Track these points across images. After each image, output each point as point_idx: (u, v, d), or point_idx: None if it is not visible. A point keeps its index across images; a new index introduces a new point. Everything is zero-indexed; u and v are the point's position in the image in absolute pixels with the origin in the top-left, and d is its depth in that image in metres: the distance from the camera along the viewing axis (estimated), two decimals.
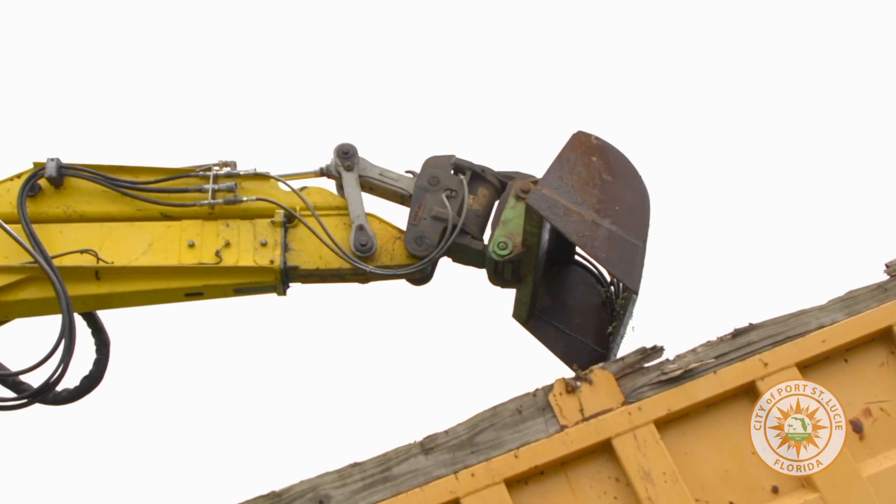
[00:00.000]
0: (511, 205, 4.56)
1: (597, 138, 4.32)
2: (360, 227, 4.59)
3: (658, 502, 3.55)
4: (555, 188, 4.12)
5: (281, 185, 4.71)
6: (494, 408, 3.72)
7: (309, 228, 4.53)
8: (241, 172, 4.66)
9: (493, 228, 4.60)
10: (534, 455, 3.60)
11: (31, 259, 4.29)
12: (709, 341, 3.84)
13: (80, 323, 4.71)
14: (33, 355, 4.27)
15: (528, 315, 4.84)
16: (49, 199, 4.59)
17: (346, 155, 4.72)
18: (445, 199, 4.61)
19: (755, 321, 3.86)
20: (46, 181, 4.57)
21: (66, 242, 4.47)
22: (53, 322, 4.38)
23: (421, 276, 4.74)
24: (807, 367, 3.79)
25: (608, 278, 4.86)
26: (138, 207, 4.61)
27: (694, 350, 3.82)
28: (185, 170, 4.67)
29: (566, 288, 4.96)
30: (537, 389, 3.75)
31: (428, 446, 3.63)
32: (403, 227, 4.72)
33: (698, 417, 3.73)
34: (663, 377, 3.74)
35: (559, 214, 4.06)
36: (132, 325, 5.21)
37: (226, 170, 4.65)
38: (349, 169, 4.71)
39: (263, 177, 4.67)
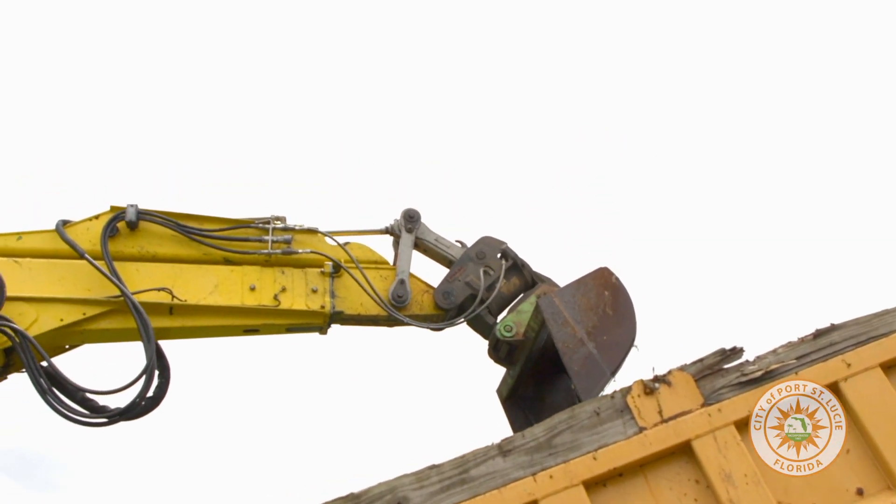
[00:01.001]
0: (530, 301, 5.14)
1: (616, 279, 4.94)
2: (402, 281, 5.24)
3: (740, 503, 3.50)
4: (564, 301, 4.79)
5: (327, 239, 5.28)
6: (572, 409, 3.70)
7: (356, 280, 5.14)
8: (296, 227, 5.24)
9: (508, 313, 5.24)
10: (612, 457, 3.57)
11: (115, 294, 4.75)
12: (789, 342, 3.78)
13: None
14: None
15: (507, 394, 5.42)
16: (125, 240, 5.05)
17: (411, 219, 5.39)
18: (482, 274, 5.28)
19: (836, 322, 3.80)
20: (124, 224, 5.02)
21: (142, 280, 4.92)
22: (109, 347, 5.01)
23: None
24: (890, 368, 3.71)
25: None
26: (204, 252, 5.12)
27: (774, 351, 3.76)
28: (245, 221, 5.20)
29: (549, 387, 5.42)
30: (615, 392, 3.72)
31: (506, 448, 3.62)
32: (433, 283, 5.36)
33: None
34: (743, 378, 3.69)
35: (557, 322, 4.73)
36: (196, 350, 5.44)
37: (282, 224, 5.20)
38: (410, 231, 5.37)
39: (313, 231, 5.27)
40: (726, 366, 3.75)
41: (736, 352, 3.77)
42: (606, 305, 4.87)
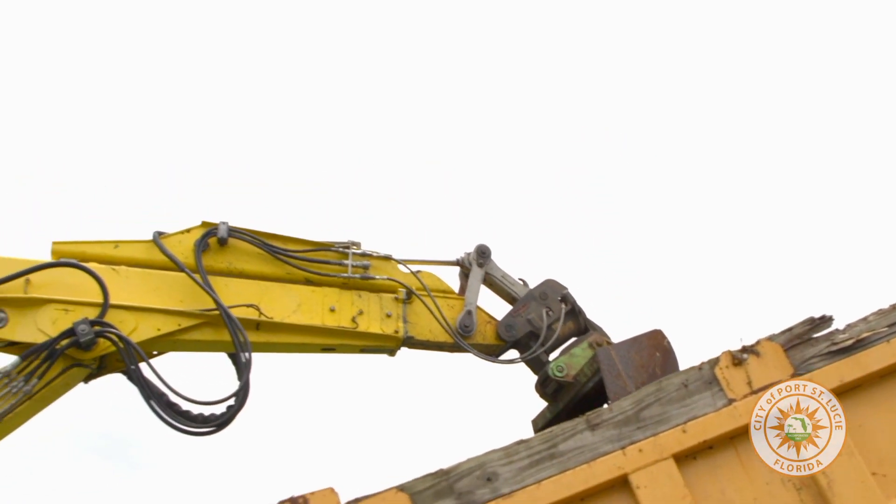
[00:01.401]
0: (583, 347, 5.43)
1: (668, 342, 5.18)
2: (469, 312, 5.52)
3: (833, 476, 3.48)
4: (620, 356, 5.04)
5: (401, 267, 5.57)
6: (660, 382, 3.70)
7: (428, 308, 5.44)
8: (373, 254, 5.52)
9: (561, 354, 5.52)
10: (702, 429, 3.58)
11: (208, 307, 4.99)
12: (880, 310, 3.74)
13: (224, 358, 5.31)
14: None
15: (542, 427, 5.59)
16: (215, 255, 5.24)
17: (483, 255, 5.70)
18: (545, 314, 5.57)
19: None
20: (215, 239, 5.24)
21: (230, 295, 5.10)
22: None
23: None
24: None
25: None
26: (287, 271, 5.34)
27: (865, 319, 3.73)
28: (325, 244, 5.46)
29: None
30: (703, 363, 3.70)
31: (594, 422, 3.63)
32: (496, 314, 5.69)
33: (872, 388, 3.67)
34: (834, 347, 3.66)
35: (611, 374, 4.97)
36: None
37: (360, 250, 5.50)
38: (480, 265, 5.68)
39: (388, 258, 5.55)
40: (815, 335, 3.71)
41: (825, 320, 3.74)
42: (656, 366, 5.06)
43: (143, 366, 4.88)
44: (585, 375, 5.27)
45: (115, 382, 5.04)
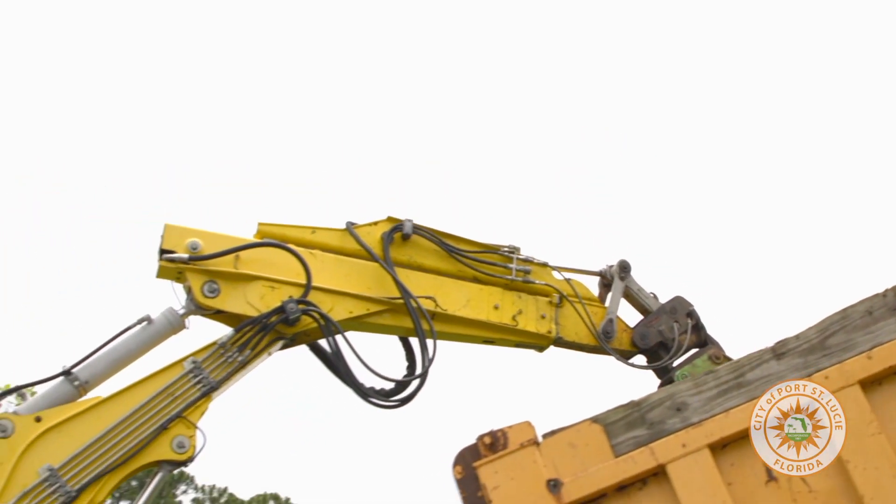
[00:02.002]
0: (703, 359, 5.92)
1: None
2: (611, 320, 6.05)
3: None
4: None
5: (555, 273, 6.07)
6: (844, 310, 3.77)
7: (578, 313, 5.98)
8: (533, 259, 6.02)
9: (684, 363, 6.01)
10: (888, 355, 3.64)
11: (394, 295, 5.50)
12: None
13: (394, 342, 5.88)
14: None
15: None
16: (397, 248, 5.70)
17: (625, 269, 6.21)
18: (675, 327, 6.09)
19: None
20: (399, 234, 5.70)
21: (409, 286, 5.58)
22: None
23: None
24: None
25: None
26: (459, 269, 5.84)
27: None
28: (493, 247, 5.96)
29: None
30: (887, 290, 3.75)
31: (779, 351, 3.76)
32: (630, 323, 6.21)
33: None
34: None
35: None
36: None
37: (523, 255, 5.98)
38: (622, 279, 6.19)
39: (544, 265, 6.06)
40: None
41: None
42: None
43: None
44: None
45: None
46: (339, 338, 5.43)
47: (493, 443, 3.77)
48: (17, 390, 5.15)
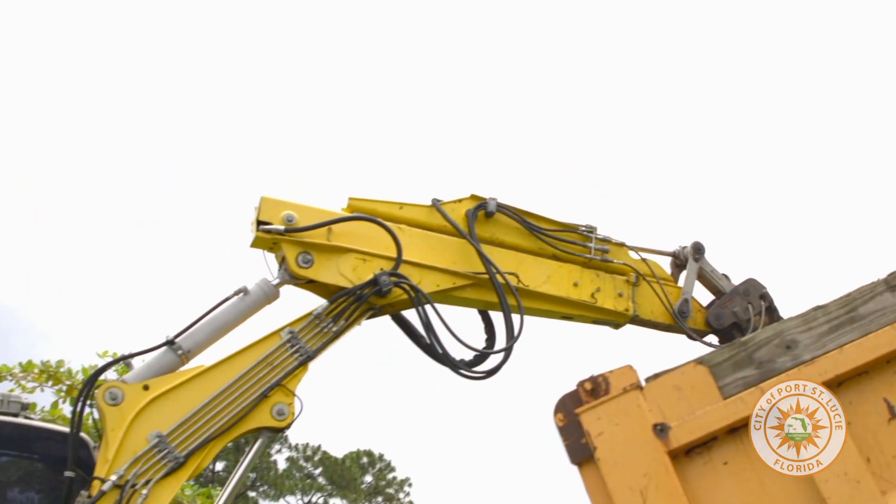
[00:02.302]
0: None
1: None
2: (686, 300, 6.21)
3: None
4: None
5: (631, 253, 6.20)
6: None
7: (655, 292, 6.13)
8: (611, 239, 6.14)
9: None
10: None
11: (478, 270, 5.65)
12: None
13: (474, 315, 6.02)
14: None
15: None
16: (480, 226, 5.84)
17: (699, 251, 6.33)
18: (749, 308, 6.22)
19: None
20: (482, 212, 5.84)
21: (493, 262, 5.70)
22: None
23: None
24: None
25: None
26: (539, 247, 5.96)
27: None
28: (571, 226, 6.08)
29: None
30: None
31: (893, 283, 3.56)
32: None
33: None
34: None
35: None
36: None
37: (602, 235, 6.10)
38: (696, 260, 6.32)
39: (621, 245, 6.18)
40: None
41: None
42: None
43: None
44: None
45: None
46: (428, 309, 5.54)
47: (595, 388, 3.65)
48: (123, 360, 5.36)
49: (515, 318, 5.66)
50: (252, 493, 47.85)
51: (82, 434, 5.29)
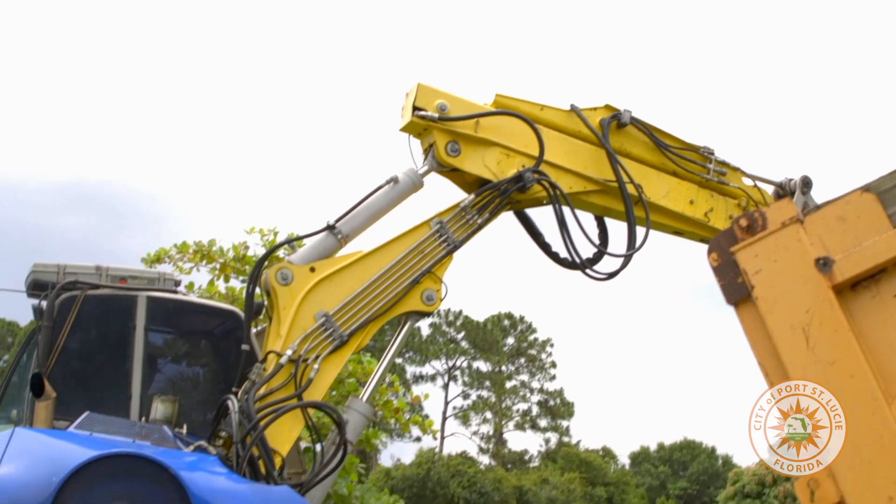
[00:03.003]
0: None
1: None
2: None
3: None
4: None
5: (745, 179, 6.45)
6: None
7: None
8: (729, 163, 6.36)
9: None
10: None
11: (605, 176, 5.87)
12: None
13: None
14: None
15: None
16: (611, 135, 6.03)
17: (807, 185, 6.49)
18: None
19: None
20: (615, 122, 6.05)
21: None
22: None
23: None
24: None
25: None
26: (661, 162, 6.19)
27: None
28: (693, 146, 6.30)
29: None
30: None
31: None
32: None
33: None
34: None
35: None
36: None
37: (720, 158, 6.31)
38: (804, 193, 6.48)
39: (737, 170, 6.40)
40: None
41: None
42: None
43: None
44: None
45: None
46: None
47: (751, 225, 3.55)
48: (288, 242, 5.84)
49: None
50: (398, 360, 49.67)
51: (237, 310, 5.61)
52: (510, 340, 60.60)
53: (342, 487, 11.45)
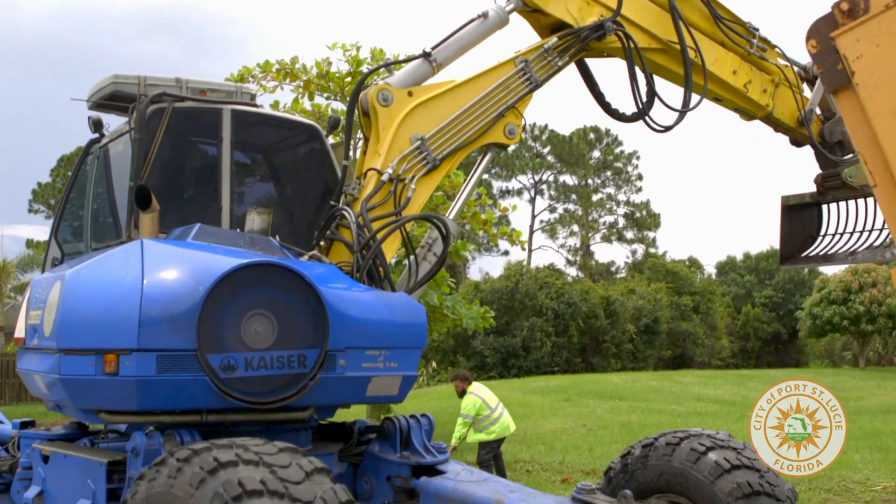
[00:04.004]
0: (861, 166, 6.22)
1: None
2: (812, 111, 6.68)
3: None
4: None
5: (780, 60, 6.69)
6: None
7: (795, 98, 6.71)
8: (769, 41, 6.57)
9: (849, 164, 6.53)
10: None
11: (672, 39, 6.07)
12: None
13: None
14: None
15: (792, 206, 6.91)
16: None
17: None
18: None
19: None
20: None
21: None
22: None
23: None
24: None
25: None
26: (713, 31, 6.37)
27: None
28: (742, 21, 6.50)
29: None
30: None
31: None
32: None
33: None
34: None
35: None
36: None
37: (762, 34, 6.52)
38: None
39: (775, 47, 6.63)
40: None
41: None
42: None
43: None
44: (868, 189, 6.01)
45: None
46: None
47: (852, 8, 3.34)
48: (387, 66, 6.02)
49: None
50: (485, 176, 49.90)
51: (316, 124, 5.80)
52: (596, 154, 60.24)
53: (433, 298, 11.84)
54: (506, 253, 58.37)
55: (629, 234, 60.68)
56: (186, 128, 5.42)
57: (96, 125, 5.58)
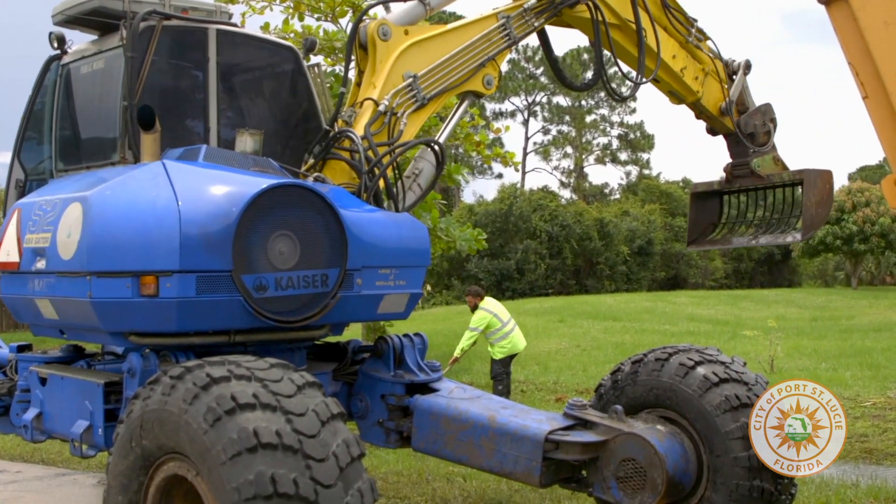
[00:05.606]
0: (768, 158, 7.30)
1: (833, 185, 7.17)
2: (732, 102, 7.32)
3: None
4: (819, 181, 6.96)
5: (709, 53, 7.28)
6: None
7: (722, 89, 7.36)
8: (705, 33, 7.18)
9: (756, 155, 7.27)
10: None
11: (628, 18, 6.57)
12: None
13: None
14: None
15: (700, 194, 7.71)
16: None
17: (748, 68, 7.48)
18: (767, 125, 7.37)
19: None
20: None
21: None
22: None
23: None
24: None
25: None
26: (658, 15, 6.79)
27: None
28: (683, 11, 7.00)
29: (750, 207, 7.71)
30: None
31: None
32: None
33: None
34: None
35: (811, 190, 6.86)
36: None
37: (700, 27, 7.13)
38: (745, 74, 7.44)
39: (708, 39, 7.26)
40: None
41: None
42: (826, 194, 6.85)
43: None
44: (780, 180, 7.11)
45: None
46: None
47: None
48: (384, 3, 6.12)
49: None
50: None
51: (294, 46, 6.02)
52: (589, 75, 59.57)
53: (427, 220, 11.83)
54: (499, 175, 58.25)
55: (623, 156, 60.50)
56: (174, 47, 5.33)
57: (59, 41, 5.49)
